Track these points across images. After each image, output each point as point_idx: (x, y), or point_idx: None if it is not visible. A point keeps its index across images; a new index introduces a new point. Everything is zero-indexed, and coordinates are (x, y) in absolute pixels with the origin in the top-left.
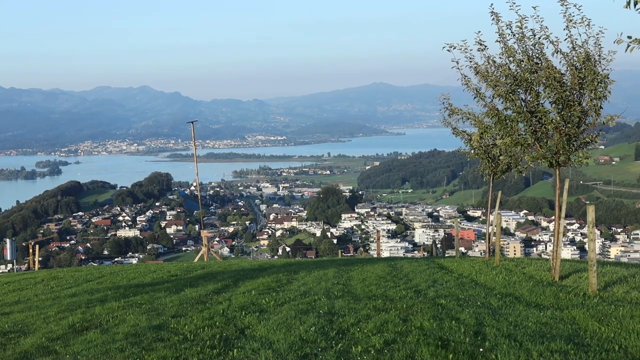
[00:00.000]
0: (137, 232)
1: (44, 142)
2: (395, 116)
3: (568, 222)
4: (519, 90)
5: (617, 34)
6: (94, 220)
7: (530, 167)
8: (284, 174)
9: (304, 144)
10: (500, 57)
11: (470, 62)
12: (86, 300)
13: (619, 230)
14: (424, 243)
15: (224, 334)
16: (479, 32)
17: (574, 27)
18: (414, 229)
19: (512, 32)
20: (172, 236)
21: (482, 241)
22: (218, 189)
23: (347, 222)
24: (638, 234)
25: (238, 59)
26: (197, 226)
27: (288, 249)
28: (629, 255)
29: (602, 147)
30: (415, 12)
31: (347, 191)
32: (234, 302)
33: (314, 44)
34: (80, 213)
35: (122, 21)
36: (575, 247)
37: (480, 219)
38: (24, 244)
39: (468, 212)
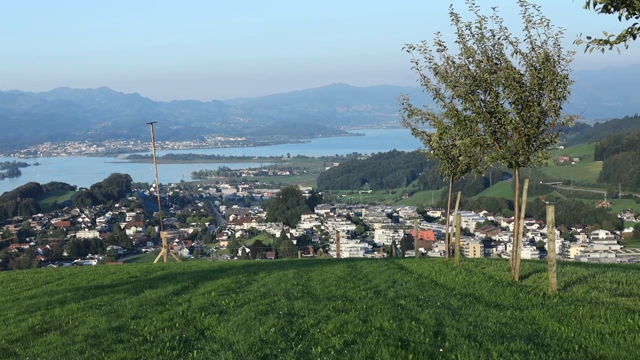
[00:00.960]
0: (97, 234)
1: (3, 143)
2: (354, 117)
3: (528, 222)
4: (478, 90)
5: (576, 35)
6: (53, 221)
7: (490, 167)
8: (244, 174)
9: (264, 144)
10: (459, 58)
11: (430, 62)
12: (46, 302)
13: (579, 230)
14: (383, 244)
15: (184, 335)
16: (439, 32)
17: (533, 28)
18: (373, 230)
19: (471, 32)
20: (131, 237)
21: (442, 242)
22: (177, 190)
23: (306, 223)
24: (598, 234)
25: (198, 59)
26: (156, 227)
27: (248, 250)
28: (588, 255)
29: (562, 147)
30: (374, 13)
31: (307, 192)
32: (193, 303)
33: (273, 45)
34: (39, 215)
35: (80, 23)
36: (535, 247)
37: (440, 220)
38: None
39: (428, 213)
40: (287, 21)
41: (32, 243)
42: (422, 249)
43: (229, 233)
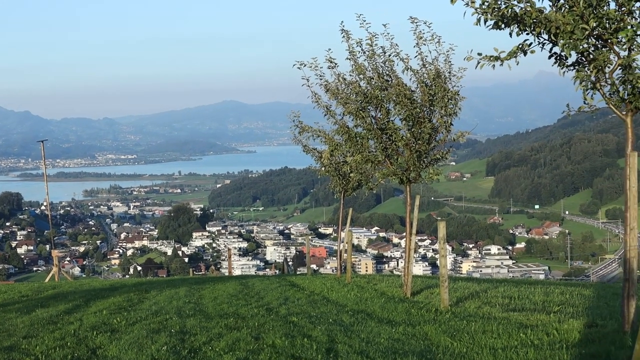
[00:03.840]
0: None
1: None
2: (246, 134)
3: (419, 238)
4: (369, 107)
5: (467, 51)
6: None
7: (381, 184)
8: (135, 192)
9: (155, 162)
10: (350, 75)
11: (321, 79)
12: None
13: (471, 245)
14: (275, 261)
15: (76, 354)
16: (330, 49)
17: (425, 45)
18: (265, 247)
19: (362, 49)
20: (22, 256)
21: (334, 258)
22: (69, 209)
23: (198, 240)
24: (490, 249)
25: (87, 76)
26: (48, 246)
27: (139, 268)
28: (480, 271)
29: (453, 163)
30: (266, 30)
31: (198, 209)
32: (85, 322)
33: (163, 61)
34: None
35: None
36: (427, 263)
37: (332, 236)
38: None
39: (319, 230)
40: (177, 37)
41: None
42: (314, 266)
43: (121, 251)
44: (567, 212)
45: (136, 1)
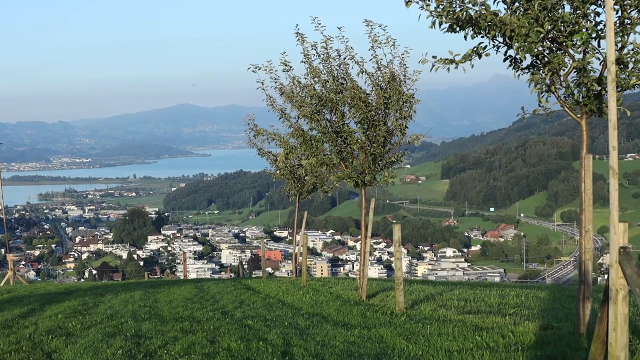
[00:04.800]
0: None
1: None
2: (200, 137)
3: (375, 241)
4: (324, 110)
5: (422, 54)
6: None
7: (336, 187)
8: (90, 196)
9: (110, 166)
10: (305, 78)
11: (276, 82)
12: None
13: (426, 248)
14: (230, 264)
15: (31, 358)
16: (284, 52)
17: (379, 47)
18: (220, 250)
19: (317, 52)
20: None
21: (289, 261)
22: (24, 212)
23: (153, 244)
24: (445, 252)
25: (42, 79)
26: (2, 250)
27: (94, 271)
28: (436, 274)
29: (408, 166)
30: (220, 33)
31: (153, 213)
32: (40, 326)
33: (118, 64)
34: None
35: None
36: (382, 266)
37: (287, 239)
38: None
39: (275, 233)
40: (131, 40)
41: None
42: (269, 269)
43: (76, 255)
44: (522, 215)
45: (89, 5)
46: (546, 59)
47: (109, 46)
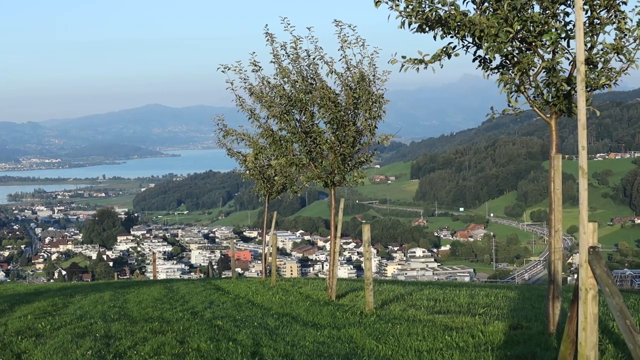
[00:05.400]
0: None
1: None
2: (170, 138)
3: (344, 241)
4: (293, 110)
5: (391, 54)
6: None
7: (306, 187)
8: (60, 196)
9: (80, 166)
10: (275, 78)
11: (245, 83)
12: None
13: (396, 248)
14: (200, 264)
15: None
16: (254, 53)
17: (349, 48)
18: (190, 251)
19: (286, 52)
20: None
21: (259, 262)
22: None
23: (123, 244)
24: (415, 252)
25: (10, 80)
26: None
27: (64, 272)
28: (405, 274)
29: (378, 166)
30: (189, 33)
31: (123, 213)
32: (9, 326)
33: (88, 64)
34: None
35: None
36: (352, 266)
37: (257, 240)
38: None
39: (244, 233)
40: (100, 40)
41: None
42: (239, 269)
43: (45, 256)
44: (492, 215)
45: (59, 4)
46: (515, 59)
47: (77, 46)
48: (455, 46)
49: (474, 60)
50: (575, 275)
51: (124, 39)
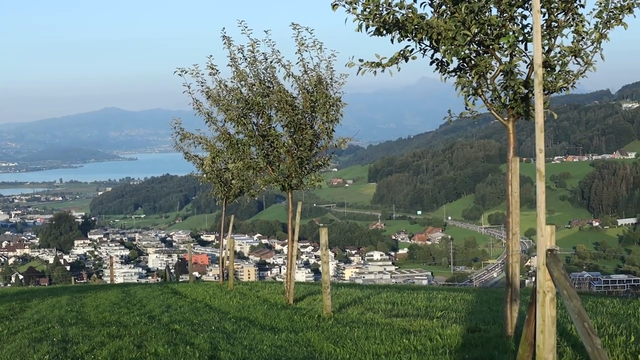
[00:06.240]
0: None
1: None
2: (127, 141)
3: (302, 244)
4: (250, 114)
5: (349, 57)
6: None
7: (263, 190)
8: (16, 200)
9: (36, 170)
10: (232, 81)
11: (202, 86)
12: None
13: (354, 252)
14: (157, 268)
15: None
16: (211, 56)
17: (306, 51)
18: (147, 255)
19: (244, 56)
20: None
21: (216, 265)
22: None
23: (80, 248)
24: (372, 255)
25: None
26: None
27: (21, 276)
28: (363, 277)
29: (335, 169)
30: (145, 35)
31: (80, 217)
32: None
33: (43, 67)
34: None
35: None
36: (310, 270)
37: (214, 243)
38: None
39: (202, 237)
40: (56, 42)
41: None
42: (196, 273)
43: (2, 260)
44: (449, 218)
45: (13, 5)
46: (473, 62)
47: (33, 48)
48: (412, 49)
49: (431, 64)
50: (533, 278)
51: (82, 41)
